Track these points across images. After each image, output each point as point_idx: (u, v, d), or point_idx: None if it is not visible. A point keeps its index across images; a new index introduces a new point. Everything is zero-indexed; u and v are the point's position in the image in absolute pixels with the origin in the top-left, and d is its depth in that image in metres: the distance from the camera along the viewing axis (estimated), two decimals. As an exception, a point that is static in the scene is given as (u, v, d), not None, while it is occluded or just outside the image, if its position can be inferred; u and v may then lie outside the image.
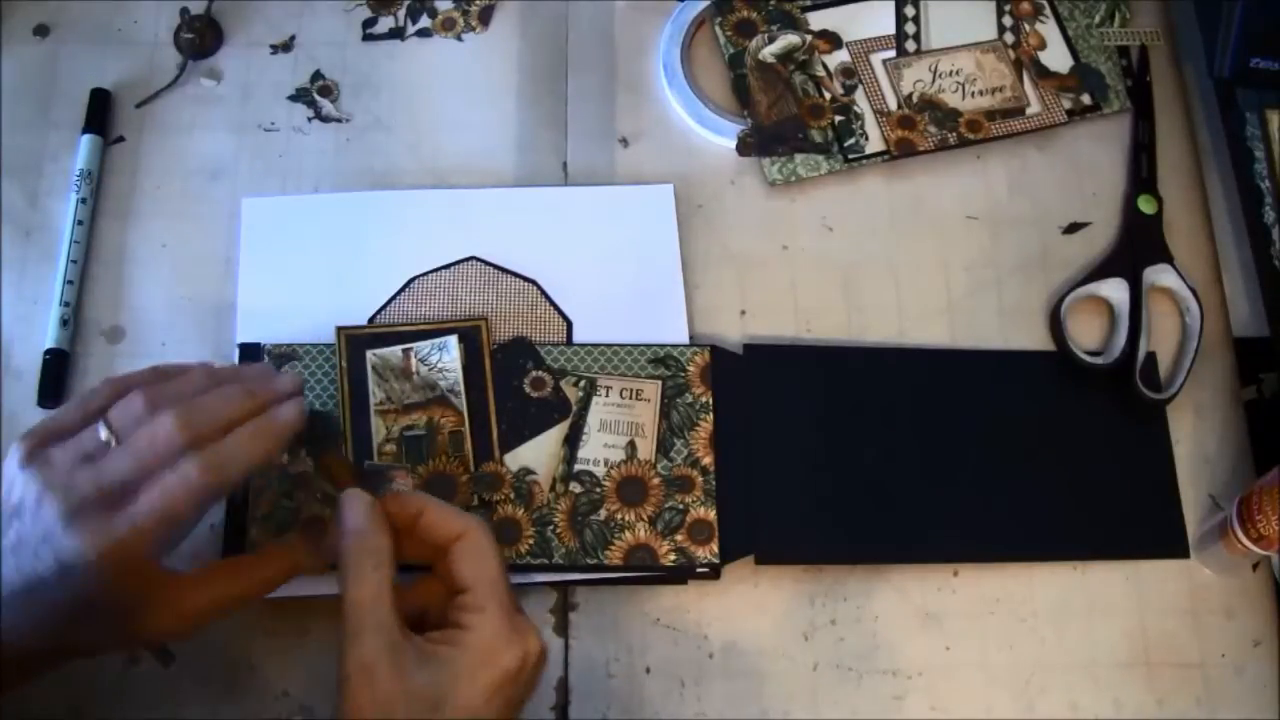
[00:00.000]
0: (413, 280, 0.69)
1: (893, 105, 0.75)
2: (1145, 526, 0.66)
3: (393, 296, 0.68)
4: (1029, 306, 0.71)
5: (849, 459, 0.66)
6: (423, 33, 0.77)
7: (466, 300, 0.68)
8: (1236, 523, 0.61)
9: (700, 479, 0.64)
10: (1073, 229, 0.73)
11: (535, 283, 0.69)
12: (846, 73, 0.76)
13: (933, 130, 0.74)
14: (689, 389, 0.66)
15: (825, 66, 0.76)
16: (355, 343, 0.66)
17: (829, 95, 0.75)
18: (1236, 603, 0.64)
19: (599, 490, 0.64)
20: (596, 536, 0.63)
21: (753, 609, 0.63)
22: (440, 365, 0.66)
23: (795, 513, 0.64)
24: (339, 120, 0.74)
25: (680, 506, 0.63)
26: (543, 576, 0.62)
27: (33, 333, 0.67)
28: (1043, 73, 0.76)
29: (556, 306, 0.68)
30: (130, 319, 0.69)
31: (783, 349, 0.69)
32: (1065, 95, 0.76)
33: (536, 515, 0.63)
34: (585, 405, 0.65)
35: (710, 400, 0.66)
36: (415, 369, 0.66)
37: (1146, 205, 0.72)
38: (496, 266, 0.69)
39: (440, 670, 0.49)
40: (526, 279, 0.69)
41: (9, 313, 0.68)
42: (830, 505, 0.65)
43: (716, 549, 0.62)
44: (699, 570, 0.63)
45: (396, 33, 0.77)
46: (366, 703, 0.48)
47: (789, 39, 0.76)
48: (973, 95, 0.75)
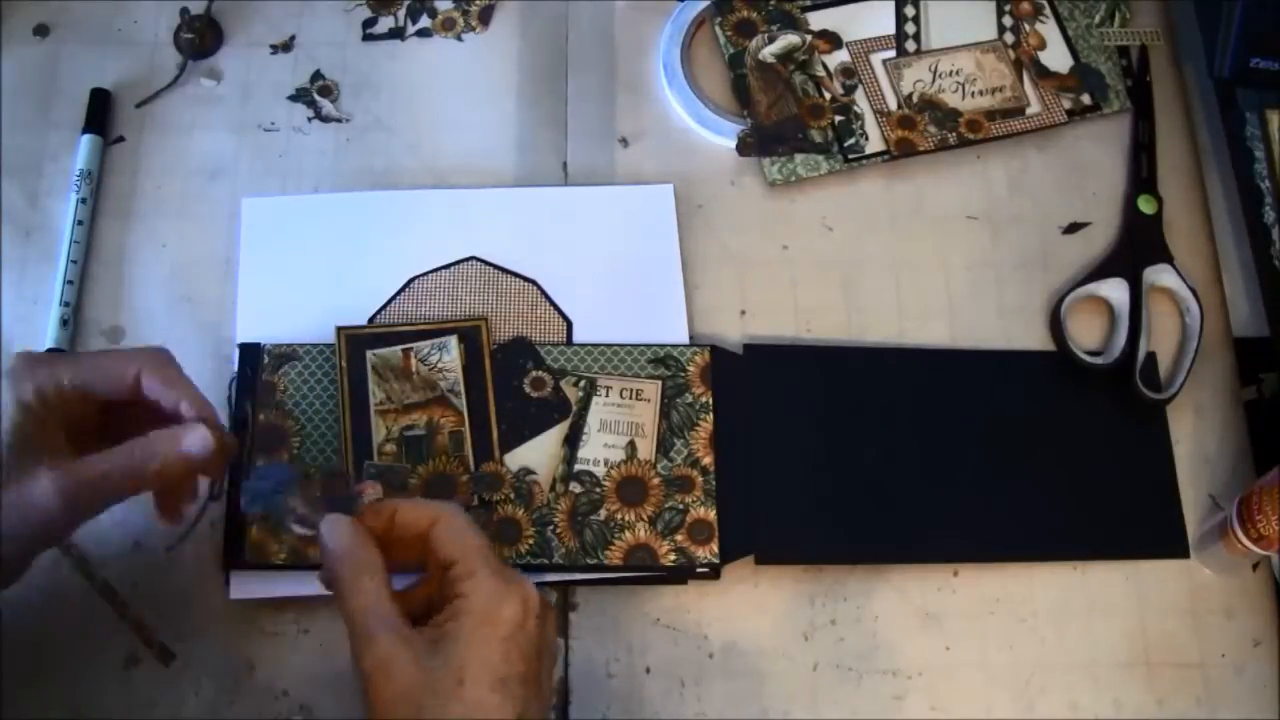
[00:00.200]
0: (413, 280, 0.69)
1: (893, 105, 0.75)
2: (1145, 526, 0.66)
3: (393, 296, 0.68)
4: (1029, 306, 0.71)
5: (849, 459, 0.66)
6: (423, 33, 0.77)
7: (466, 300, 0.68)
8: (1236, 523, 0.61)
9: (700, 479, 0.64)
10: (1073, 229, 0.73)
11: (535, 283, 0.69)
12: (846, 73, 0.76)
13: (933, 130, 0.74)
14: (689, 389, 0.66)
15: (825, 66, 0.76)
16: (355, 343, 0.66)
17: (829, 95, 0.75)
18: (1236, 603, 0.64)
19: (599, 490, 0.64)
20: (596, 536, 0.63)
21: (753, 609, 0.63)
22: (440, 365, 0.66)
23: (795, 513, 0.64)
24: (339, 120, 0.74)
25: (680, 506, 0.63)
26: (542, 576, 0.62)
27: (33, 333, 0.67)
28: (1043, 73, 0.76)
29: (556, 306, 0.68)
30: (130, 319, 0.69)
31: (783, 349, 0.69)
32: (1065, 95, 0.76)
33: (536, 515, 0.63)
34: (585, 405, 0.65)
35: (710, 400, 0.66)
36: (415, 369, 0.66)
37: (1146, 205, 0.72)
38: (496, 266, 0.69)
39: (452, 645, 0.50)
40: (526, 279, 0.69)
41: (9, 313, 0.68)
42: (830, 505, 0.65)
43: (716, 549, 0.62)
44: (699, 570, 0.63)
45: (396, 33, 0.77)
46: (391, 697, 0.49)
47: (789, 39, 0.76)
48: (973, 95, 0.75)
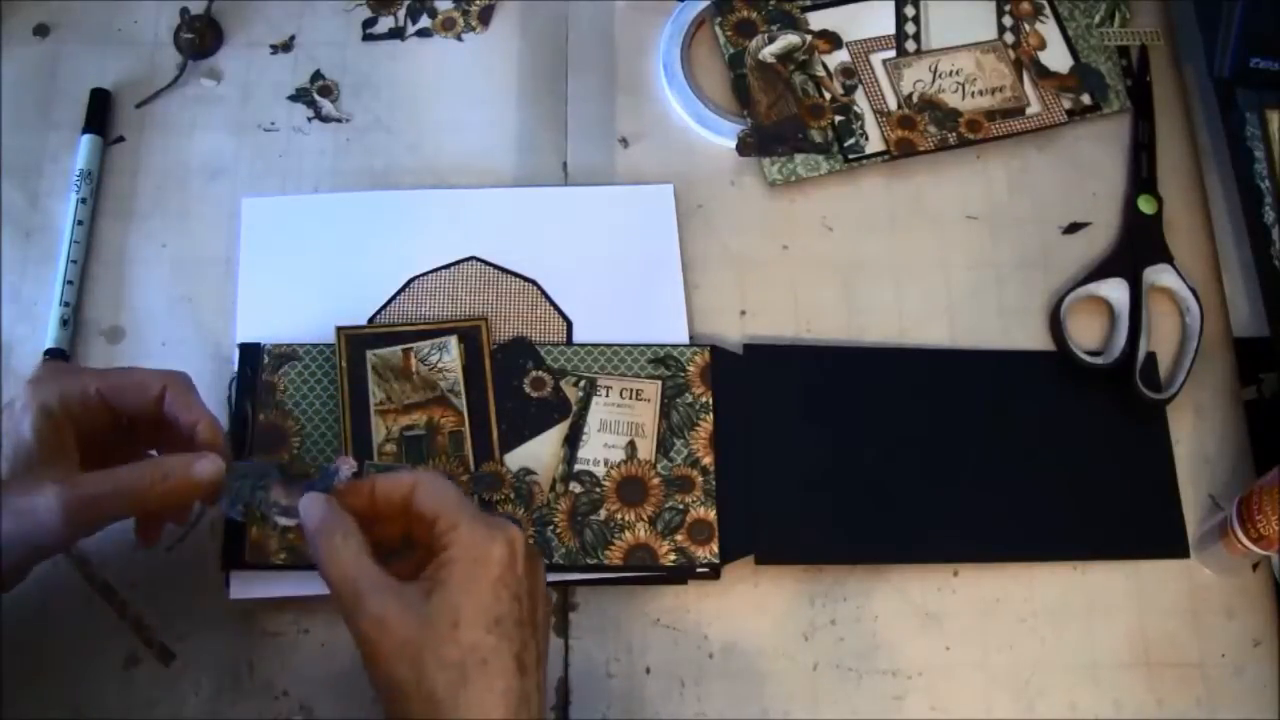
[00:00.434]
0: (413, 280, 0.69)
1: (893, 105, 0.75)
2: (1145, 526, 0.66)
3: (393, 296, 0.68)
4: (1029, 306, 0.71)
5: (849, 459, 0.66)
6: (423, 33, 0.77)
7: (466, 300, 0.68)
8: (1236, 523, 0.61)
9: (700, 479, 0.64)
10: (1073, 229, 0.73)
11: (535, 283, 0.69)
12: (846, 73, 0.76)
13: (933, 130, 0.74)
14: (689, 389, 0.66)
15: (825, 66, 0.76)
16: (355, 343, 0.66)
17: (829, 95, 0.75)
18: (1236, 603, 0.64)
19: (599, 490, 0.64)
20: (596, 536, 0.63)
21: (753, 609, 0.63)
22: (440, 365, 0.66)
23: (795, 513, 0.64)
24: (339, 120, 0.74)
25: (680, 506, 0.63)
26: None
27: (33, 333, 0.67)
28: (1043, 73, 0.76)
29: (556, 306, 0.68)
30: (130, 319, 0.69)
31: (783, 349, 0.69)
32: (1065, 95, 0.76)
33: (536, 515, 0.63)
34: (585, 405, 0.65)
35: (710, 400, 0.65)
36: (415, 369, 0.66)
37: (1146, 205, 0.72)
38: (496, 266, 0.69)
39: (444, 592, 0.50)
40: (526, 279, 0.69)
41: (9, 313, 0.68)
42: (830, 505, 0.65)
43: (716, 549, 0.62)
44: (699, 570, 0.63)
45: (396, 33, 0.77)
46: (390, 650, 0.49)
47: (789, 39, 0.76)
48: (973, 95, 0.75)
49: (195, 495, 0.54)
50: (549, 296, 0.69)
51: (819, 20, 0.77)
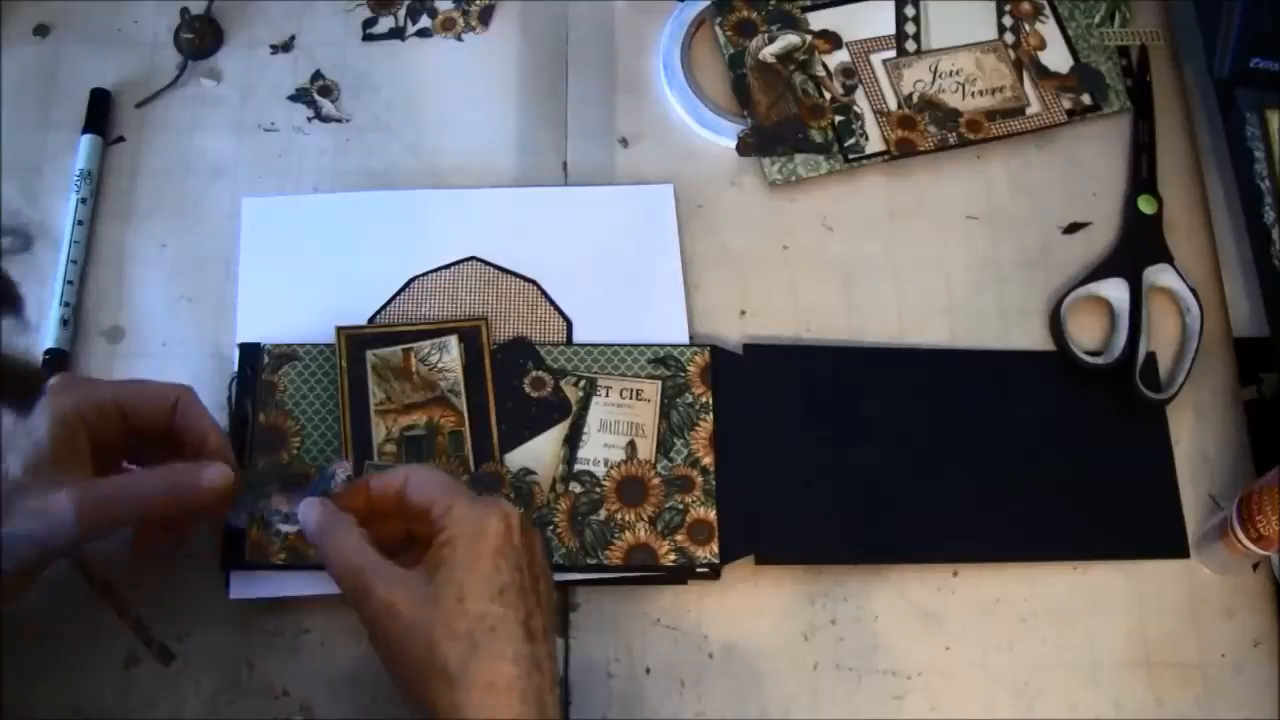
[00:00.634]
0: (413, 280, 0.69)
1: (893, 105, 0.75)
2: (1145, 526, 0.66)
3: (393, 296, 0.68)
4: (1029, 306, 0.71)
5: (849, 459, 0.66)
6: (423, 33, 0.77)
7: (466, 300, 0.68)
8: (1236, 523, 0.61)
9: (700, 479, 0.64)
10: (1073, 229, 0.73)
11: (535, 283, 0.69)
12: (846, 73, 0.76)
13: (933, 130, 0.74)
14: (689, 389, 0.66)
15: (825, 66, 0.76)
16: (355, 343, 0.66)
17: (829, 95, 0.75)
18: (1236, 603, 0.64)
19: (599, 490, 0.64)
20: (596, 536, 0.63)
21: (753, 609, 0.63)
22: (440, 365, 0.66)
23: (795, 513, 0.64)
24: (339, 120, 0.74)
25: (680, 506, 0.63)
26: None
27: (33, 333, 0.67)
28: (1043, 73, 0.76)
29: (556, 306, 0.68)
30: (130, 319, 0.69)
31: (783, 349, 0.69)
32: (1065, 95, 0.76)
33: (536, 515, 0.63)
34: (585, 405, 0.65)
35: (710, 400, 0.65)
36: (415, 369, 0.66)
37: (1146, 205, 0.72)
38: (496, 266, 0.69)
39: (446, 569, 0.52)
40: (526, 279, 0.69)
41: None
42: (830, 505, 0.65)
43: (716, 549, 0.62)
44: (699, 570, 0.63)
45: (396, 33, 0.77)
46: (400, 632, 0.51)
47: (789, 39, 0.76)
48: (973, 95, 0.75)
49: (205, 502, 0.56)
50: (549, 296, 0.69)
51: (819, 20, 0.77)
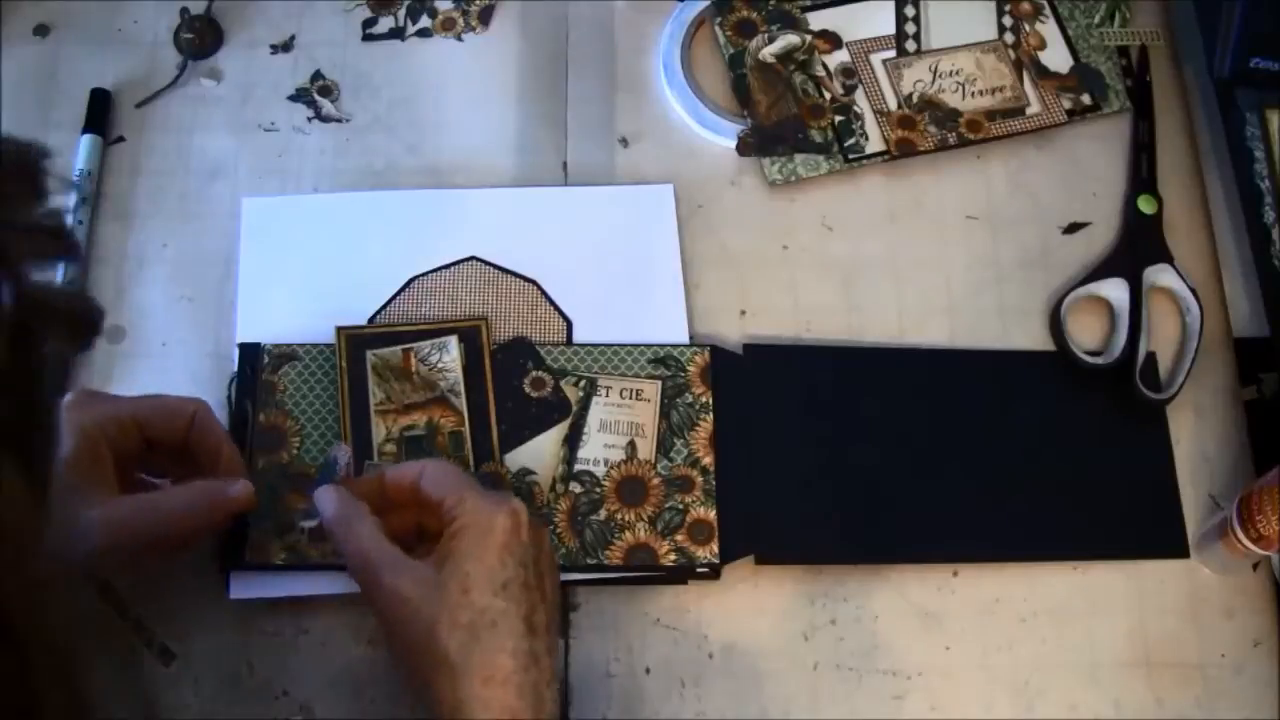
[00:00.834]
0: (413, 280, 0.69)
1: (893, 105, 0.75)
2: (1145, 526, 0.66)
3: (393, 296, 0.68)
4: (1029, 306, 0.71)
5: (849, 459, 0.66)
6: (423, 33, 0.77)
7: (466, 300, 0.68)
8: (1236, 523, 0.61)
9: (700, 479, 0.64)
10: (1073, 229, 0.73)
11: (535, 283, 0.69)
12: (846, 73, 0.76)
13: (933, 130, 0.74)
14: (689, 389, 0.66)
15: (825, 66, 0.76)
16: (355, 343, 0.66)
17: (829, 95, 0.75)
18: (1236, 603, 0.64)
19: (599, 490, 0.64)
20: (596, 536, 0.63)
21: (753, 609, 0.63)
22: (440, 365, 0.66)
23: (795, 513, 0.64)
24: (339, 120, 0.74)
25: (680, 506, 0.63)
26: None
27: (33, 333, 0.67)
28: (1043, 73, 0.76)
29: (556, 306, 0.68)
30: (130, 319, 0.68)
31: (783, 349, 0.69)
32: (1065, 95, 0.76)
33: (537, 516, 0.63)
34: (585, 405, 0.65)
35: (710, 400, 0.65)
36: (415, 369, 0.66)
37: (1146, 205, 0.72)
38: (496, 266, 0.69)
39: (453, 561, 0.53)
40: (526, 279, 0.69)
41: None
42: (830, 505, 0.65)
43: (716, 549, 0.62)
44: (699, 570, 0.63)
45: (396, 33, 0.77)
46: (405, 618, 0.52)
47: (789, 39, 0.76)
48: (973, 95, 0.75)
49: (229, 517, 0.58)
50: (549, 296, 0.69)
51: (819, 20, 0.77)
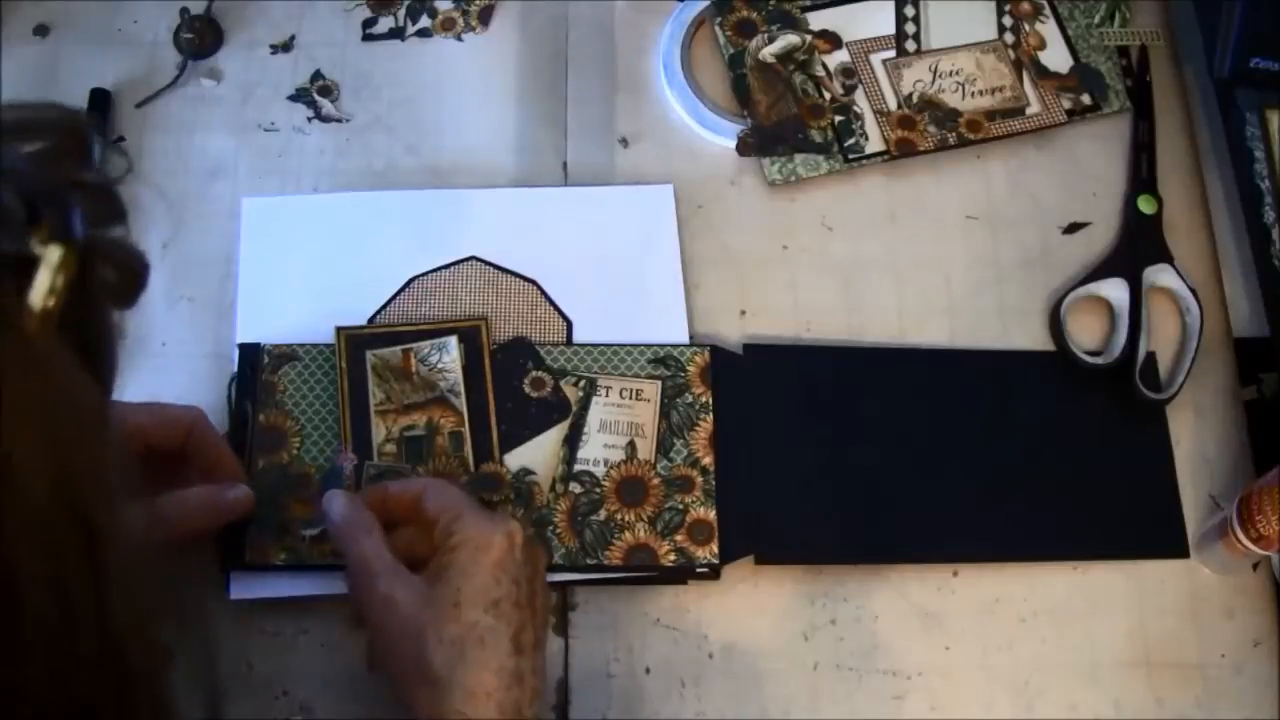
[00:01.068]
0: (413, 280, 0.69)
1: (893, 105, 0.75)
2: (1145, 526, 0.66)
3: (393, 296, 0.68)
4: (1029, 306, 0.71)
5: (849, 459, 0.66)
6: (423, 33, 0.77)
7: (466, 300, 0.68)
8: (1236, 523, 0.61)
9: (700, 479, 0.64)
10: (1073, 229, 0.73)
11: (535, 283, 0.69)
12: (846, 73, 0.76)
13: (933, 130, 0.74)
14: (689, 389, 0.66)
15: (825, 66, 0.76)
16: (355, 343, 0.66)
17: (829, 95, 0.75)
18: (1236, 603, 0.64)
19: (599, 490, 0.64)
20: (596, 537, 0.63)
21: (753, 609, 0.63)
22: (440, 365, 0.66)
23: (795, 513, 0.64)
24: (339, 120, 0.74)
25: (680, 507, 0.63)
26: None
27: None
28: (1043, 73, 0.76)
29: (556, 306, 0.68)
30: (130, 319, 0.68)
31: (783, 349, 0.69)
32: (1065, 95, 0.76)
33: (536, 516, 0.63)
34: (585, 405, 0.65)
35: (710, 400, 0.65)
36: (415, 369, 0.66)
37: (1146, 205, 0.72)
38: (496, 266, 0.69)
39: (447, 575, 0.53)
40: (526, 279, 0.69)
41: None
42: (830, 505, 0.65)
43: (716, 549, 0.62)
44: (699, 570, 0.63)
45: (396, 33, 0.77)
46: (395, 628, 0.53)
47: (789, 39, 0.76)
48: (973, 95, 0.75)
49: (228, 521, 0.59)
50: (549, 296, 0.69)
51: (819, 20, 0.77)
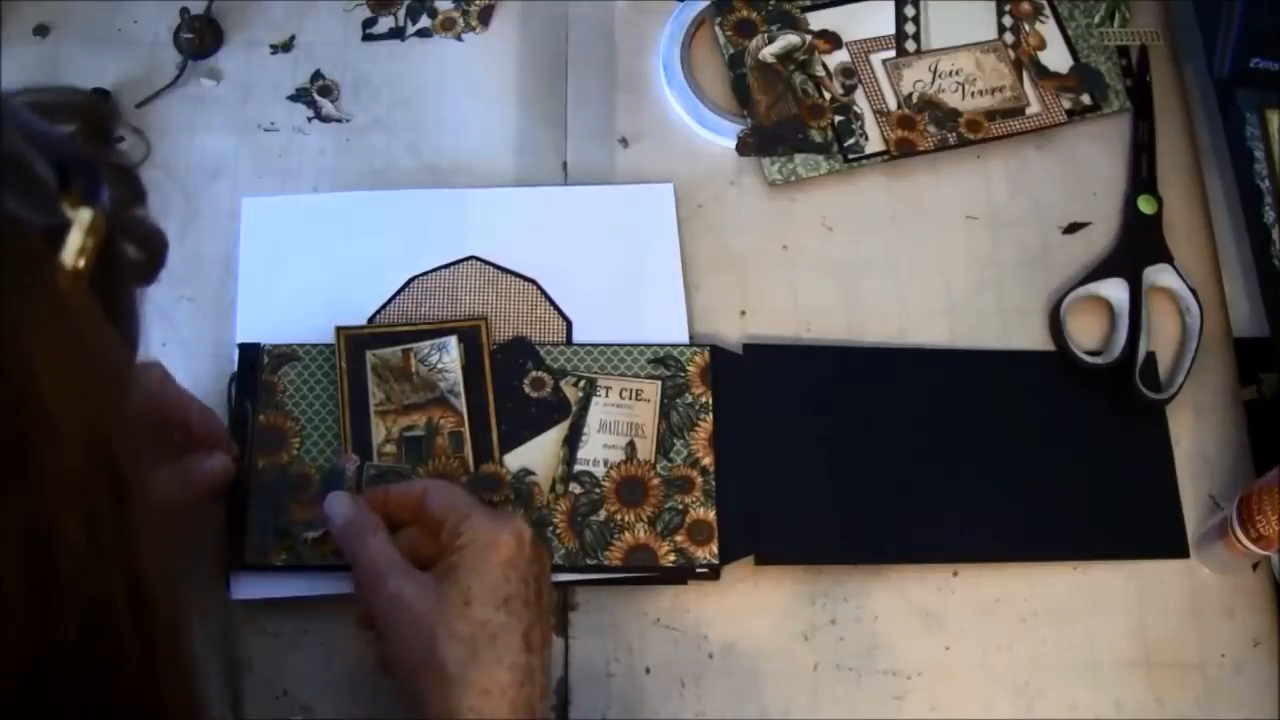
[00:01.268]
0: (413, 280, 0.69)
1: (892, 105, 0.75)
2: (1145, 526, 0.66)
3: (393, 296, 0.68)
4: (1029, 306, 0.71)
5: (849, 459, 0.66)
6: (423, 33, 0.77)
7: (466, 300, 0.68)
8: (1236, 523, 0.61)
9: (700, 479, 0.64)
10: (1073, 229, 0.73)
11: (535, 283, 0.69)
12: (846, 73, 0.76)
13: (932, 130, 0.74)
14: (689, 389, 0.66)
15: (825, 66, 0.76)
16: (355, 343, 0.66)
17: (829, 95, 0.75)
18: (1236, 603, 0.64)
19: (599, 491, 0.64)
20: (596, 537, 0.63)
21: (753, 609, 0.63)
22: (440, 366, 0.66)
23: (795, 513, 0.64)
24: (339, 120, 0.74)
25: (680, 507, 0.63)
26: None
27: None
28: (1043, 73, 0.76)
29: (556, 306, 0.68)
30: (130, 319, 0.68)
31: (783, 349, 0.69)
32: (1065, 95, 0.76)
33: (536, 516, 0.63)
34: (585, 405, 0.65)
35: (710, 400, 0.65)
36: (415, 369, 0.66)
37: (1146, 205, 0.72)
38: (496, 266, 0.69)
39: (456, 573, 0.54)
40: (526, 279, 0.69)
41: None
42: (830, 505, 0.65)
43: (716, 549, 0.62)
44: (698, 571, 0.62)
45: (396, 33, 0.77)
46: (406, 628, 0.53)
47: (789, 39, 0.76)
48: (973, 95, 0.75)
49: (212, 493, 0.58)
50: (549, 296, 0.69)
51: (819, 20, 0.77)
